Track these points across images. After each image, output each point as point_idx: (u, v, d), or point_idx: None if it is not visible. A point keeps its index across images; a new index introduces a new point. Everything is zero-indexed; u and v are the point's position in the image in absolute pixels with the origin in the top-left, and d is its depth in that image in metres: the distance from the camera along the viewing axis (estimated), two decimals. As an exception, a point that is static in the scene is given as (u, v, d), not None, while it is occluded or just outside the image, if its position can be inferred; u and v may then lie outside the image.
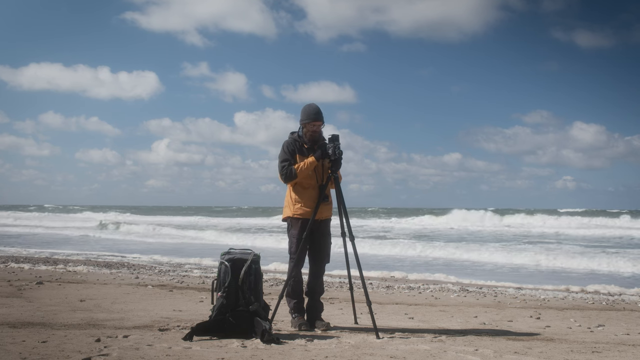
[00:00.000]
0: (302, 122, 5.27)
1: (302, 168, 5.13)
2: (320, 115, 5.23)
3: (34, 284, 8.05)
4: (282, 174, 5.18)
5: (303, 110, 5.27)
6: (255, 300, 4.65)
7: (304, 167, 5.13)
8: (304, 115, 5.25)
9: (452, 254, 15.80)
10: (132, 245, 20.16)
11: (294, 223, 5.24)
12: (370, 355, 4.09)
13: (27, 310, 5.71)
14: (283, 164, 5.18)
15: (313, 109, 5.23)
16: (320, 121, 5.23)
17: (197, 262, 13.70)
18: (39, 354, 3.79)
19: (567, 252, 16.18)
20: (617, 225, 32.04)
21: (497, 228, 31.19)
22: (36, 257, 13.41)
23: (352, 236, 5.12)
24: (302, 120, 5.26)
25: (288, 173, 5.14)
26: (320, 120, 5.23)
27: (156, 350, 4.02)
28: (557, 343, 4.80)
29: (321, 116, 5.23)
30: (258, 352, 4.05)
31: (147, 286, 8.33)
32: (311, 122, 5.21)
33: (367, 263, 10.43)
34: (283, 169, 5.17)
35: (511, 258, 14.50)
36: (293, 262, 5.18)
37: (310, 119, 5.21)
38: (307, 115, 5.23)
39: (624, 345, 4.80)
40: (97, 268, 11.21)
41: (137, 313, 5.78)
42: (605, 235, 25.45)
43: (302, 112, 5.26)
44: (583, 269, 12.90)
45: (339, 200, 5.21)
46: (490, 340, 4.84)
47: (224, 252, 4.83)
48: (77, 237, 24.57)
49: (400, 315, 6.32)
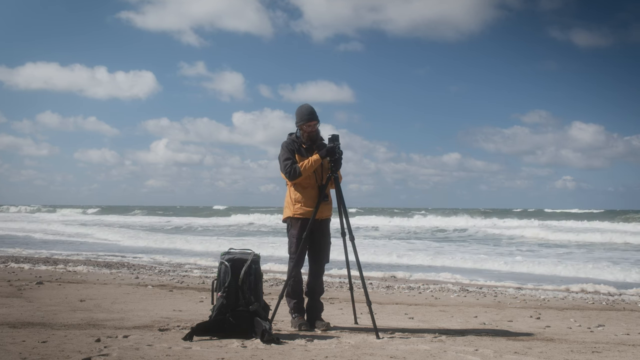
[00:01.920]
0: (297, 124, 5.30)
1: (307, 166, 5.13)
2: (314, 115, 5.25)
3: (34, 284, 8.05)
4: (286, 172, 5.18)
5: (297, 112, 5.31)
6: (255, 300, 4.65)
7: (308, 165, 5.14)
8: (298, 117, 5.28)
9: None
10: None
11: (293, 223, 5.24)
12: (370, 355, 4.09)
13: (27, 310, 5.71)
14: (286, 162, 5.18)
15: (306, 110, 5.26)
16: (314, 120, 5.25)
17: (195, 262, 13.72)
18: (39, 354, 3.79)
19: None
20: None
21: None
22: (36, 257, 13.40)
23: (352, 236, 5.13)
24: (297, 122, 5.30)
25: (292, 171, 5.14)
26: (314, 120, 5.25)
27: (156, 350, 4.02)
28: (557, 343, 4.80)
29: (315, 115, 5.26)
30: (258, 352, 4.05)
31: (147, 286, 8.33)
32: (306, 123, 5.24)
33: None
34: (287, 167, 5.17)
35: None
36: (293, 262, 5.19)
37: (305, 119, 5.24)
38: (300, 116, 5.27)
39: (624, 345, 4.80)
40: (97, 268, 11.21)
41: (137, 313, 5.78)
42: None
43: (297, 114, 5.30)
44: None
45: (339, 200, 5.22)
46: (490, 340, 4.84)
47: (224, 252, 4.83)
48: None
49: (400, 315, 6.32)
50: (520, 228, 29.10)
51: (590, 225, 31.88)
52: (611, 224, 31.93)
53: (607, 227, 29.79)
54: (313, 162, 5.14)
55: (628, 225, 30.74)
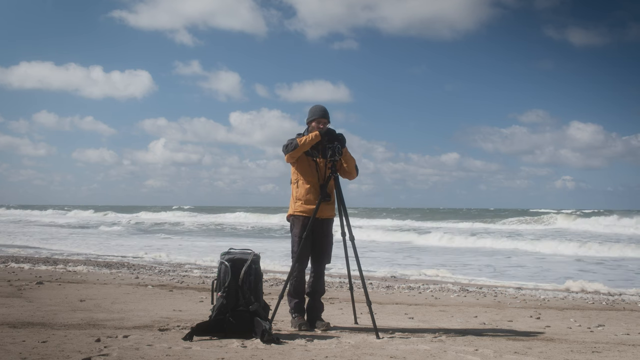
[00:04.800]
0: (308, 121, 5.37)
1: (306, 141, 5.18)
2: (327, 114, 5.34)
3: (34, 284, 8.04)
4: (284, 146, 5.25)
5: (310, 109, 5.40)
6: (255, 300, 4.65)
7: (307, 140, 5.19)
8: (310, 114, 5.36)
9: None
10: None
11: (295, 222, 5.27)
12: (370, 355, 4.09)
13: (27, 310, 5.71)
14: (288, 140, 5.26)
15: (320, 108, 5.36)
16: (326, 119, 5.32)
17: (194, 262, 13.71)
18: (39, 354, 3.79)
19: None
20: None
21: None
22: (36, 257, 13.40)
23: (352, 236, 5.14)
24: (308, 118, 5.37)
25: (289, 144, 5.21)
26: (326, 118, 5.32)
27: (156, 350, 4.02)
28: (557, 343, 4.80)
29: (328, 115, 5.34)
30: (258, 352, 4.05)
31: (147, 286, 8.32)
32: (318, 119, 5.31)
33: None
34: (286, 142, 5.24)
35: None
36: (294, 261, 5.19)
37: (317, 115, 5.32)
38: (313, 113, 5.35)
39: (624, 345, 4.80)
40: (97, 268, 11.20)
41: (137, 313, 5.78)
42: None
43: (310, 111, 5.38)
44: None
45: (339, 200, 5.22)
46: (490, 340, 4.84)
47: (224, 252, 4.82)
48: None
49: (400, 315, 6.32)
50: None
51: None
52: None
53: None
54: (313, 137, 5.20)
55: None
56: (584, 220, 35.43)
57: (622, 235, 25.71)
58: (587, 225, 32.63)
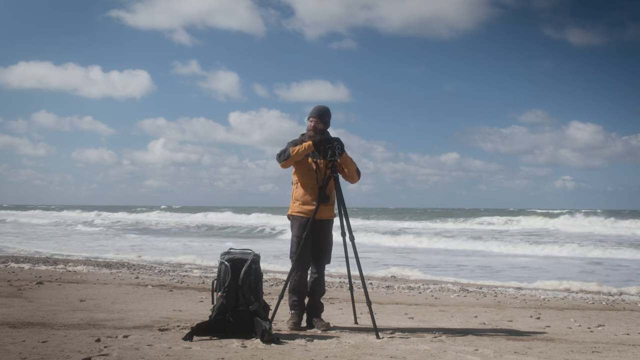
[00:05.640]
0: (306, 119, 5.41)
1: (299, 150, 5.19)
2: (322, 115, 5.31)
3: (34, 284, 8.04)
4: (277, 154, 5.26)
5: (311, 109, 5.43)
6: (255, 300, 4.65)
7: (300, 150, 5.19)
8: (309, 114, 5.39)
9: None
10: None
11: (294, 222, 5.27)
12: (370, 355, 4.09)
13: (27, 310, 5.71)
14: (284, 147, 5.27)
15: (317, 108, 5.37)
16: (317, 119, 5.30)
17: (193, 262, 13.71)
18: (39, 354, 3.79)
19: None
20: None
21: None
22: (36, 257, 13.40)
23: (352, 236, 5.14)
24: (307, 118, 5.41)
25: (281, 153, 5.23)
26: (318, 119, 5.30)
27: (156, 350, 4.02)
28: (557, 343, 4.80)
29: (322, 116, 5.31)
30: (258, 352, 4.05)
31: (147, 286, 8.32)
32: (311, 117, 5.34)
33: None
34: (280, 150, 5.25)
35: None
36: (293, 261, 5.20)
37: (312, 114, 5.35)
38: (311, 111, 5.38)
39: (624, 345, 4.80)
40: (97, 268, 11.21)
41: (137, 313, 5.78)
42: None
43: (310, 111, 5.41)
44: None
45: (339, 200, 5.22)
46: (490, 340, 4.84)
47: (224, 252, 4.82)
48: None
49: (400, 315, 6.32)
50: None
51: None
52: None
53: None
54: (306, 147, 5.21)
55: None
56: (583, 220, 35.45)
57: (623, 235, 25.73)
58: (587, 225, 32.67)
